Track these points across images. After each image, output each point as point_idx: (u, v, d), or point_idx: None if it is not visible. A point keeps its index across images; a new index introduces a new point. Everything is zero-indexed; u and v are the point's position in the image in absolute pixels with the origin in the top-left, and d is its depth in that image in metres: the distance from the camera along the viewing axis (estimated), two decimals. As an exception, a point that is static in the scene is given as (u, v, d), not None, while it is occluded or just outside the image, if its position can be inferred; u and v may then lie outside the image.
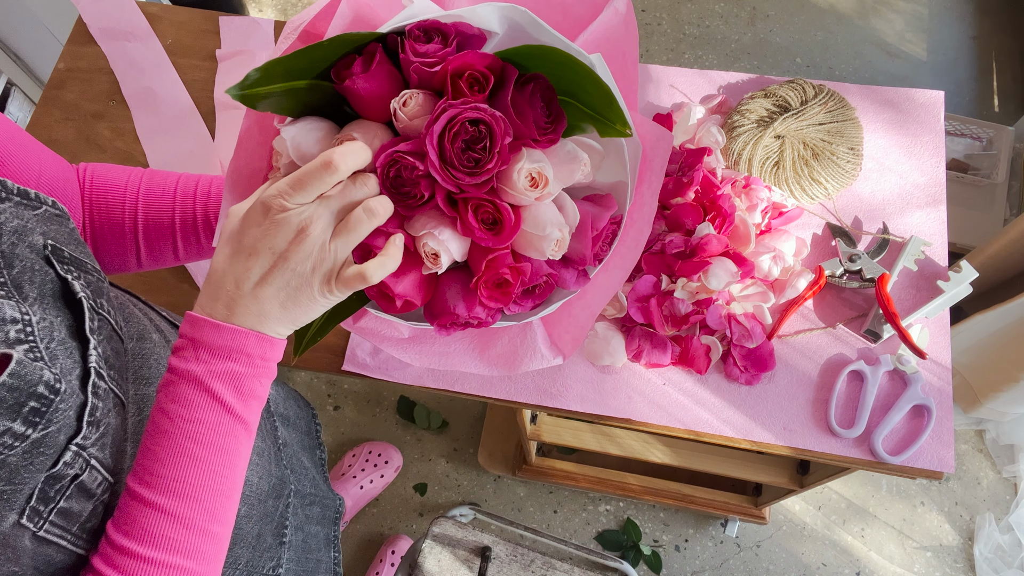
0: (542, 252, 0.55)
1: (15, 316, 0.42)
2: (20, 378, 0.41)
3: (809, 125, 1.03)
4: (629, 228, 0.62)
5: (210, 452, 0.49)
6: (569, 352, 0.66)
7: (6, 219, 0.45)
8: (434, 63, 0.51)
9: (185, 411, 0.48)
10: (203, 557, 0.49)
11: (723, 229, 0.94)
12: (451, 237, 0.54)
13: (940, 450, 0.90)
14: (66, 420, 0.44)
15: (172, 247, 0.68)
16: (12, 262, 0.45)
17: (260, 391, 0.51)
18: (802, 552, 1.67)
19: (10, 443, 0.41)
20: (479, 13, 0.52)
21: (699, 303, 0.95)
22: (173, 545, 0.48)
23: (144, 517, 0.47)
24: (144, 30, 1.18)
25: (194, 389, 0.48)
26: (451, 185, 0.51)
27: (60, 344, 0.45)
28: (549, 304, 0.61)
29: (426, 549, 1.17)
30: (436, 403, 1.79)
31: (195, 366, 0.48)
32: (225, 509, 0.50)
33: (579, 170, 0.55)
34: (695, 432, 0.93)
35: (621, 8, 0.58)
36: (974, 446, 1.75)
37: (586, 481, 1.61)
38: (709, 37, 2.22)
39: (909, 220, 1.01)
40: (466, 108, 0.49)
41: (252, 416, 0.51)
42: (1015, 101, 2.11)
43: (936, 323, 0.96)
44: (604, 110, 0.52)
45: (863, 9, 2.24)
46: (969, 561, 1.65)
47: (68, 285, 0.49)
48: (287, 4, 2.28)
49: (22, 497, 0.42)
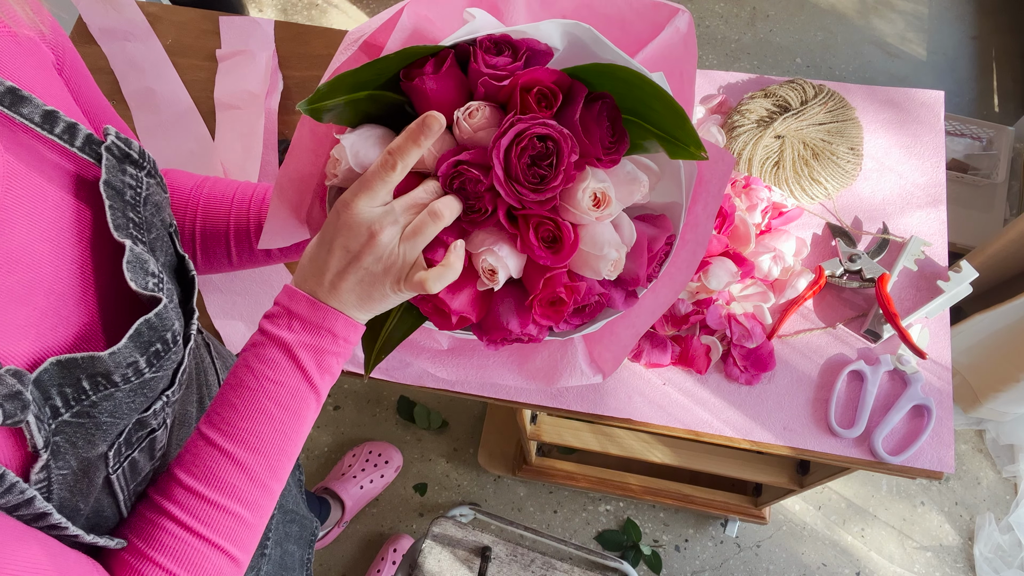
0: (598, 272, 0.55)
1: (154, 271, 0.48)
2: (161, 319, 0.46)
3: (809, 125, 1.03)
4: (681, 249, 0.61)
5: (285, 413, 0.52)
6: (609, 371, 0.66)
7: (152, 192, 0.51)
8: (503, 76, 0.51)
9: (271, 372, 0.52)
10: (259, 509, 0.52)
11: (723, 229, 0.94)
12: (510, 254, 0.54)
13: (940, 450, 0.90)
14: (168, 371, 0.49)
15: (226, 253, 0.70)
16: (151, 228, 0.51)
17: (335, 369, 0.54)
18: (802, 552, 1.67)
19: (130, 376, 0.45)
20: (542, 29, 0.52)
21: (699, 303, 0.95)
22: (236, 493, 0.51)
23: (213, 461, 0.51)
24: (144, 30, 1.18)
25: (282, 354, 0.52)
26: (514, 200, 0.51)
27: (176, 307, 0.50)
28: (595, 323, 0.61)
29: (426, 549, 1.17)
30: (436, 403, 1.79)
31: (287, 334, 0.52)
32: (285, 469, 0.53)
33: (639, 191, 0.55)
34: (695, 432, 0.93)
35: (683, 27, 0.57)
36: (974, 446, 1.75)
37: (586, 481, 1.61)
38: (709, 37, 2.22)
39: (909, 220, 1.01)
40: (535, 123, 0.49)
41: (324, 389, 0.54)
42: (1015, 101, 2.11)
43: (936, 323, 0.96)
44: (675, 130, 0.52)
45: (863, 9, 2.24)
46: (969, 561, 1.65)
47: (184, 262, 0.54)
48: (287, 4, 2.28)
49: (115, 432, 0.46)
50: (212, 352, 0.75)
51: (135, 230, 0.48)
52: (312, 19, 2.27)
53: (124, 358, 0.44)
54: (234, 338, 1.00)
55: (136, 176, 0.50)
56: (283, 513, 0.93)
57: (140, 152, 0.51)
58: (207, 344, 0.75)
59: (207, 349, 0.74)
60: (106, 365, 0.43)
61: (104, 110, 0.59)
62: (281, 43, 1.18)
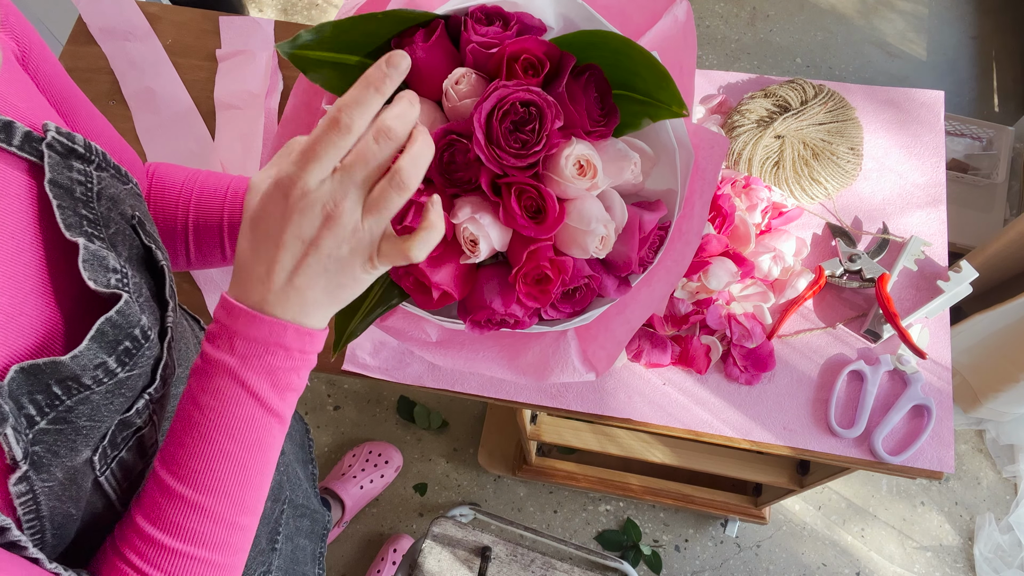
0: (585, 249, 0.53)
1: (116, 267, 0.46)
2: (124, 316, 0.44)
3: (809, 125, 1.03)
4: (676, 238, 0.59)
5: (241, 448, 0.47)
6: (603, 369, 0.63)
7: (105, 186, 0.49)
8: (492, 44, 0.50)
9: (217, 404, 0.46)
10: (229, 549, 0.49)
11: (723, 229, 0.94)
12: (492, 224, 0.52)
13: (940, 450, 0.90)
14: (146, 368, 0.47)
15: (220, 248, 0.69)
16: (108, 223, 0.48)
17: (297, 383, 0.49)
18: (802, 552, 1.67)
19: (101, 377, 0.43)
20: (535, 4, 0.52)
21: (699, 303, 0.95)
22: (199, 538, 0.47)
23: (171, 507, 0.47)
24: (144, 30, 1.18)
25: (228, 381, 0.46)
26: (495, 166, 0.50)
27: (146, 301, 0.48)
28: (587, 312, 0.59)
29: (426, 549, 1.17)
30: (436, 403, 1.79)
31: (229, 358, 0.46)
32: (254, 500, 0.50)
33: (628, 169, 0.54)
34: (695, 432, 0.93)
35: (681, 16, 0.57)
36: (974, 446, 1.75)
37: (586, 481, 1.61)
38: (709, 37, 2.22)
39: (909, 220, 1.01)
40: (518, 89, 0.49)
41: (287, 409, 0.49)
42: (1015, 101, 2.11)
43: (936, 323, 0.96)
44: (657, 92, 0.51)
45: (863, 9, 2.24)
46: (969, 561, 1.65)
47: (151, 253, 0.52)
48: (287, 4, 2.28)
49: (97, 435, 0.45)
50: None
51: (90, 227, 0.46)
52: (312, 19, 2.27)
53: (90, 360, 0.42)
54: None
55: (84, 171, 0.47)
56: (293, 508, 0.93)
57: (86, 145, 0.48)
58: None
59: None
60: (71, 369, 0.41)
61: (78, 104, 0.57)
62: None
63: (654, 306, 0.60)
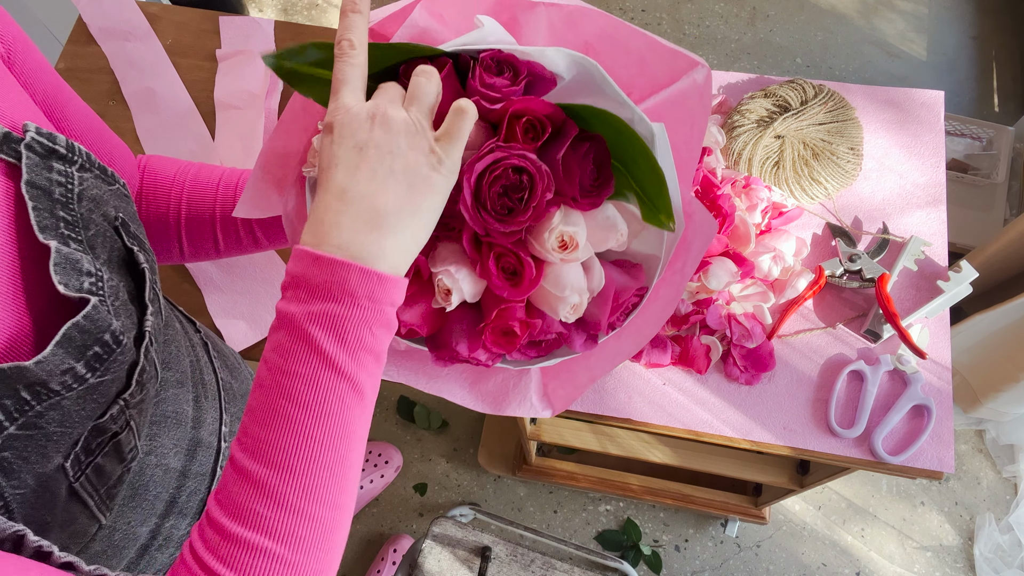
0: (556, 312, 0.54)
1: (90, 269, 0.45)
2: (92, 321, 0.43)
3: (809, 125, 1.03)
4: (651, 303, 0.59)
5: (306, 413, 0.42)
6: (559, 408, 0.64)
7: (87, 187, 0.48)
8: (496, 99, 0.50)
9: (281, 361, 0.42)
10: (298, 544, 0.42)
11: (723, 229, 0.94)
12: (467, 277, 0.53)
13: (940, 450, 0.90)
14: (119, 373, 0.46)
15: (213, 240, 0.69)
16: (88, 225, 0.47)
17: (372, 342, 0.43)
18: (802, 552, 1.67)
19: (70, 383, 0.42)
20: (547, 55, 0.51)
21: (699, 303, 0.95)
22: (261, 523, 0.41)
23: (234, 484, 0.42)
24: (144, 30, 1.18)
25: (291, 334, 0.42)
26: (479, 227, 0.50)
27: (123, 305, 0.47)
28: (551, 358, 0.60)
29: (426, 549, 1.17)
30: (436, 403, 1.79)
31: (294, 306, 0.42)
32: (327, 488, 0.43)
33: (614, 238, 0.54)
34: (695, 432, 0.93)
35: (700, 80, 0.56)
36: (974, 446, 1.75)
37: (586, 481, 1.61)
38: (709, 37, 2.22)
39: (909, 220, 1.01)
40: (513, 154, 0.48)
41: (362, 373, 0.43)
42: (1015, 101, 2.11)
43: (936, 323, 0.96)
44: (654, 195, 0.50)
45: (863, 9, 2.24)
46: (969, 561, 1.65)
47: (133, 255, 0.51)
48: (287, 4, 2.28)
49: (69, 442, 0.44)
50: (211, 350, 0.75)
51: (67, 229, 0.45)
52: (312, 19, 2.27)
53: (56, 366, 0.40)
54: (235, 337, 1.00)
55: (65, 172, 0.46)
56: None
57: (68, 146, 0.47)
58: (204, 343, 0.74)
59: (204, 348, 0.73)
60: (36, 374, 0.40)
61: (66, 101, 0.57)
62: (281, 43, 1.18)
63: (620, 360, 0.61)
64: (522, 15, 0.55)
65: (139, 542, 0.58)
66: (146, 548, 0.59)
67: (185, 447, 0.62)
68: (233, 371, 0.78)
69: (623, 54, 0.56)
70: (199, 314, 1.01)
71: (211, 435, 0.66)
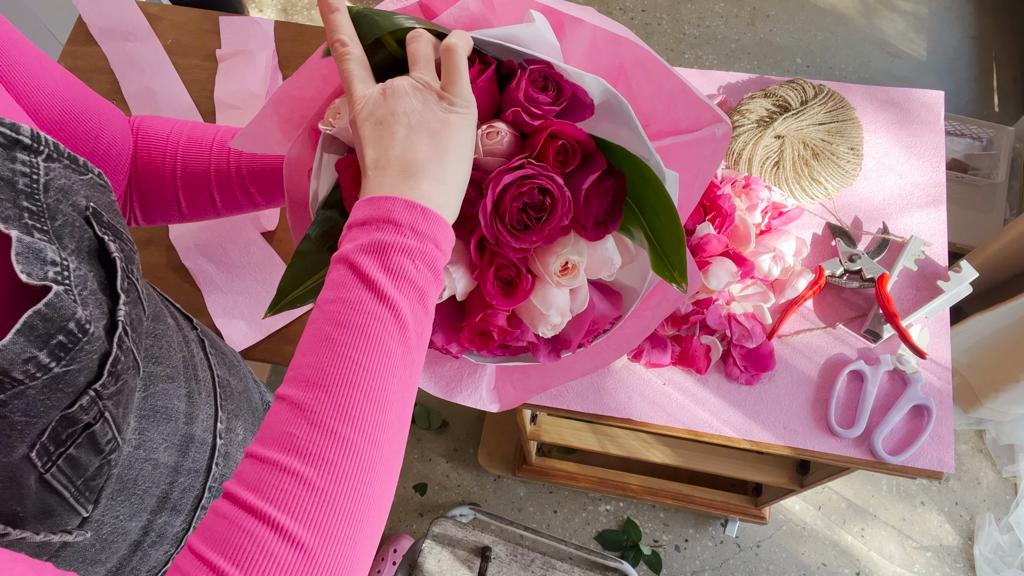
0: (535, 327, 0.55)
1: (55, 259, 0.44)
2: (55, 310, 0.42)
3: (809, 125, 1.03)
4: (619, 331, 0.61)
5: (345, 332, 0.42)
6: (507, 405, 0.66)
7: (54, 176, 0.47)
8: (537, 116, 0.50)
9: (329, 293, 0.44)
10: (328, 467, 0.39)
11: (723, 229, 0.94)
12: (463, 277, 0.54)
13: (940, 450, 0.90)
14: (89, 363, 0.45)
15: (210, 198, 0.69)
16: (55, 215, 0.47)
17: (415, 276, 0.44)
18: (802, 552, 1.67)
19: (33, 372, 0.41)
20: (585, 79, 0.51)
21: (699, 303, 0.95)
22: (288, 440, 0.39)
23: (271, 416, 0.42)
24: (144, 30, 1.18)
25: (339, 268, 0.45)
26: (491, 235, 0.51)
27: (92, 294, 0.47)
28: (514, 361, 0.62)
29: (426, 549, 1.17)
30: (436, 403, 1.79)
31: (345, 246, 0.45)
32: (363, 412, 0.41)
33: (607, 271, 0.55)
34: (695, 432, 0.93)
35: (719, 135, 0.58)
36: (974, 446, 1.75)
37: (586, 481, 1.61)
38: (709, 37, 2.22)
39: (909, 220, 1.01)
40: (543, 175, 0.49)
41: (404, 301, 0.43)
42: (1015, 101, 2.11)
43: (936, 323, 0.96)
44: (669, 249, 0.51)
45: (863, 9, 2.24)
46: (969, 561, 1.65)
47: (104, 245, 0.50)
48: (287, 4, 2.28)
49: (35, 431, 0.43)
50: (207, 347, 0.74)
51: (32, 219, 0.45)
52: (312, 19, 2.27)
53: (16, 355, 0.40)
54: (235, 337, 1.00)
55: (30, 162, 0.46)
56: None
57: (33, 136, 0.46)
58: (201, 340, 0.74)
59: (200, 345, 0.73)
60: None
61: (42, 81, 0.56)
62: (281, 43, 1.18)
63: (575, 376, 0.64)
64: (568, 25, 0.55)
65: (130, 537, 0.58)
66: (138, 544, 0.59)
67: (177, 443, 0.61)
68: (231, 369, 0.78)
69: (654, 88, 0.57)
70: (199, 314, 1.01)
71: (205, 432, 0.66)
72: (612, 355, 0.64)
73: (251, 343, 1.00)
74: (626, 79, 0.57)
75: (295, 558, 0.37)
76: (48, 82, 0.58)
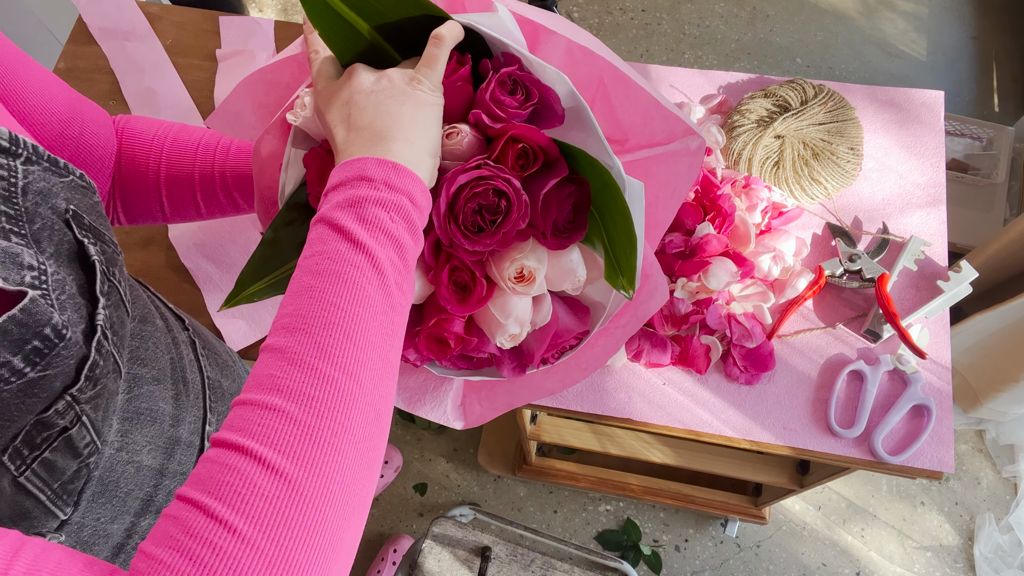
0: (493, 337, 0.54)
1: (32, 263, 0.44)
2: (30, 315, 0.42)
3: (809, 125, 1.03)
4: (587, 349, 0.60)
5: (323, 280, 0.43)
6: (472, 423, 0.65)
7: (33, 179, 0.47)
8: (500, 118, 0.50)
9: (308, 250, 0.46)
10: (308, 400, 0.40)
11: (723, 229, 0.94)
12: (418, 279, 0.53)
13: (940, 450, 0.90)
14: (65, 368, 0.45)
15: (193, 201, 0.69)
16: (34, 218, 0.46)
17: (391, 226, 0.45)
18: (802, 552, 1.67)
19: (7, 377, 0.41)
20: (548, 73, 0.51)
21: (699, 303, 0.95)
22: (270, 381, 0.40)
23: (256, 366, 0.43)
24: (144, 30, 1.18)
25: (317, 228, 0.46)
26: (444, 237, 0.50)
27: (70, 298, 0.46)
28: (478, 375, 0.61)
29: (426, 549, 1.17)
30: (436, 403, 1.79)
31: (323, 208, 0.46)
32: (342, 349, 0.42)
33: (571, 282, 0.54)
34: (695, 432, 0.93)
35: (692, 147, 0.58)
36: (974, 446, 1.75)
37: (586, 481, 1.61)
38: (709, 37, 2.22)
39: (909, 220, 1.01)
40: (499, 176, 0.48)
41: (379, 249, 0.44)
42: (1015, 101, 2.11)
43: (936, 323, 0.96)
44: (621, 257, 0.51)
45: (863, 9, 2.24)
46: (969, 561, 1.65)
47: (84, 248, 0.50)
48: (287, 4, 2.28)
49: (8, 435, 0.43)
50: (199, 348, 0.74)
51: (9, 223, 0.44)
52: (312, 19, 2.26)
53: None
54: (235, 337, 1.00)
55: (8, 166, 0.45)
56: None
57: (11, 139, 0.46)
58: (192, 341, 0.73)
59: (191, 346, 0.72)
60: None
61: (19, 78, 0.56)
62: (281, 43, 1.18)
63: (542, 395, 0.63)
64: (544, 35, 0.55)
65: (112, 540, 0.57)
66: (121, 547, 0.59)
67: (162, 445, 0.61)
68: (224, 370, 0.77)
69: (631, 101, 0.57)
70: (199, 314, 1.01)
71: (192, 434, 0.66)
72: (580, 374, 0.62)
73: (250, 342, 1.00)
74: (605, 92, 0.56)
75: (279, 488, 0.37)
76: (32, 82, 0.57)
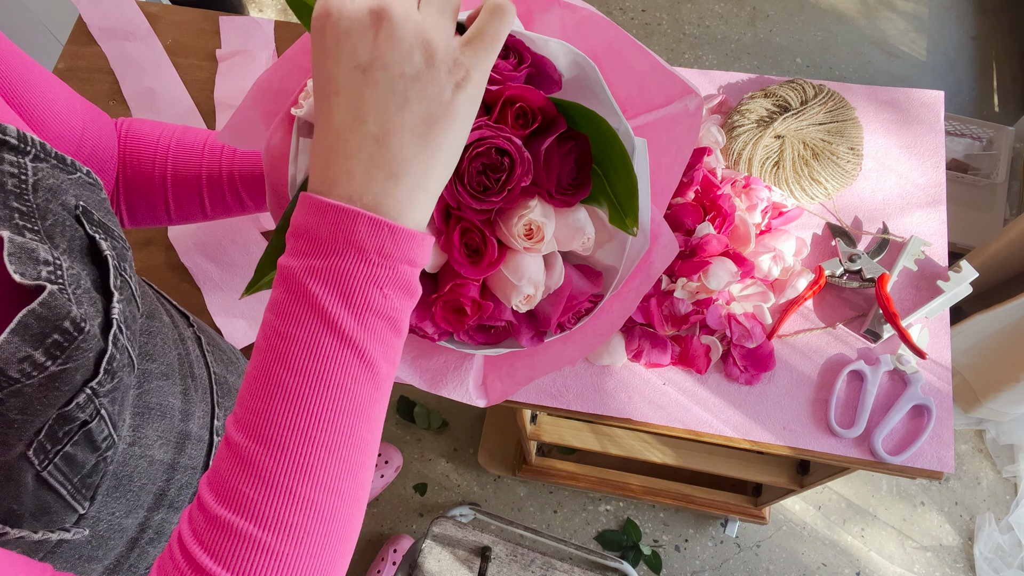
0: (508, 300, 0.55)
1: (47, 259, 0.44)
2: (49, 309, 0.42)
3: (809, 125, 1.03)
4: (602, 313, 0.61)
5: (302, 383, 0.37)
6: (494, 400, 0.64)
7: (42, 177, 0.47)
8: (497, 80, 0.50)
9: (279, 322, 0.37)
10: (289, 530, 0.36)
11: (723, 229, 0.94)
12: None
13: (940, 450, 0.90)
14: (85, 361, 0.45)
15: (199, 203, 0.69)
16: (45, 215, 0.46)
17: (383, 304, 0.37)
18: (802, 552, 1.67)
19: (29, 371, 0.41)
20: (551, 46, 0.51)
21: (699, 303, 0.95)
22: (248, 506, 0.36)
23: (223, 461, 0.38)
24: (144, 30, 1.19)
25: (289, 291, 0.37)
26: (452, 199, 0.51)
27: (85, 292, 0.46)
28: (497, 347, 0.61)
29: (426, 549, 1.17)
30: (436, 403, 1.79)
31: (294, 260, 0.37)
32: (327, 471, 0.37)
33: (579, 241, 0.55)
34: (695, 432, 0.93)
35: (691, 107, 0.58)
36: (974, 446, 1.75)
37: (586, 481, 1.61)
38: (709, 37, 2.22)
39: (909, 220, 1.01)
40: (500, 135, 0.49)
41: (371, 340, 0.37)
42: (1015, 101, 2.11)
43: (936, 323, 0.96)
44: (623, 199, 0.51)
45: (863, 9, 2.24)
46: (969, 561, 1.65)
47: (96, 243, 0.50)
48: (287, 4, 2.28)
49: (31, 430, 0.43)
50: (204, 344, 0.74)
51: (22, 219, 0.45)
52: (312, 19, 2.27)
53: (12, 353, 0.40)
54: (235, 336, 1.00)
55: (17, 163, 0.45)
56: None
57: (20, 136, 0.46)
58: (197, 337, 0.74)
59: (196, 342, 0.73)
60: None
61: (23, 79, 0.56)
62: (281, 43, 1.18)
63: (562, 364, 0.62)
64: (537, 12, 0.55)
65: (127, 534, 0.58)
66: (136, 541, 0.59)
67: (172, 440, 0.61)
68: (229, 366, 0.78)
69: (626, 71, 0.57)
70: (199, 313, 1.01)
71: (201, 428, 0.66)
72: (597, 339, 0.62)
73: (251, 341, 1.00)
74: (599, 67, 0.57)
75: None
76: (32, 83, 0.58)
